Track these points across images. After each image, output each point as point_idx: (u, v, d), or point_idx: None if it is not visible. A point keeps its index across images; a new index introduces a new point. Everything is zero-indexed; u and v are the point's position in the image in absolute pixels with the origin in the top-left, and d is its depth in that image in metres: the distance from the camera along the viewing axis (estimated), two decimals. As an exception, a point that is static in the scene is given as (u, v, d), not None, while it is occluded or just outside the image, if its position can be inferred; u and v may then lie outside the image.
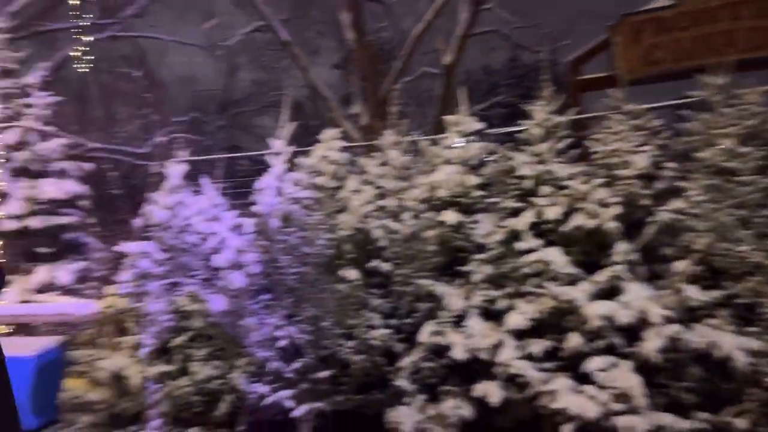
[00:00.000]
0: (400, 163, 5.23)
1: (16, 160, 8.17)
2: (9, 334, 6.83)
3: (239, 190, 7.50)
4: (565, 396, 3.82)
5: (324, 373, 4.56)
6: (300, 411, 4.56)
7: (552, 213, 4.10)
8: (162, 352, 5.21)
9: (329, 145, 5.71)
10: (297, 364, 4.61)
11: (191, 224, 5.45)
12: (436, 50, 14.77)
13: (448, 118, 5.00)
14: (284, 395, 4.59)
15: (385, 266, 4.85)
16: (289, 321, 4.77)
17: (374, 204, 5.14)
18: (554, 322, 4.05)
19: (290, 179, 5.29)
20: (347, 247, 4.99)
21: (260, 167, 5.77)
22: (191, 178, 5.90)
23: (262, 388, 4.69)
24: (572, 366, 3.98)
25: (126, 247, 5.75)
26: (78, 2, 10.86)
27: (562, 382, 3.86)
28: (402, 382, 4.31)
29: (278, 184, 5.25)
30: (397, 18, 18.61)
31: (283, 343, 4.71)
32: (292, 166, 5.58)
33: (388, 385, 4.47)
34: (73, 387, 5.65)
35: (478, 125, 4.91)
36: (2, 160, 7.67)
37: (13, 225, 7.82)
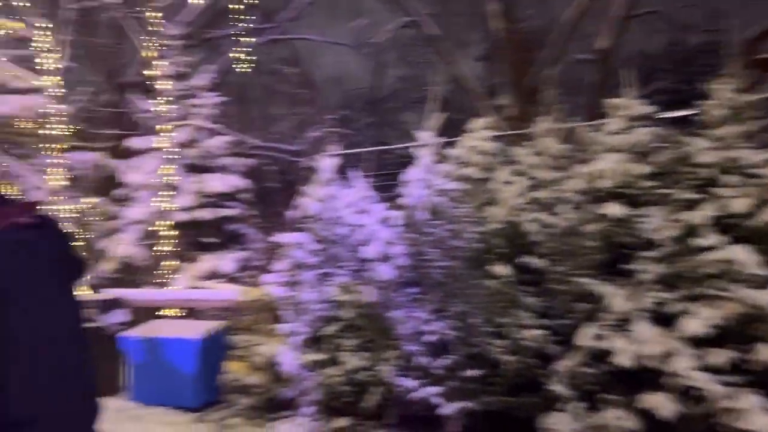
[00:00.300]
0: (555, 152, 4.88)
1: (187, 157, 8.90)
2: (180, 317, 7.43)
3: (387, 182, 7.55)
4: (754, 415, 3.31)
5: (473, 372, 4.39)
6: (448, 409, 4.43)
7: (739, 205, 3.58)
8: (314, 341, 5.34)
9: (478, 135, 5.49)
10: (445, 361, 4.47)
11: (342, 216, 5.53)
12: (587, 36, 13.87)
13: (611, 101, 4.57)
14: (432, 391, 4.48)
15: (539, 262, 4.55)
16: (437, 316, 4.64)
17: (527, 196, 4.85)
18: (740, 330, 3.53)
19: (438, 171, 5.17)
20: (497, 241, 4.76)
21: (406, 161, 5.71)
22: (342, 171, 6.01)
23: (409, 383, 4.62)
24: (762, 382, 3.45)
25: (282, 238, 6.00)
26: (242, 6, 11.59)
27: (750, 400, 3.36)
28: (557, 387, 4.01)
29: (426, 176, 5.15)
30: (547, 4, 17.79)
31: (430, 338, 4.60)
32: (439, 158, 5.46)
33: (542, 388, 4.19)
34: (233, 370, 6.01)
35: (647, 109, 4.42)
36: (175, 157, 8.34)
37: (184, 216, 8.52)
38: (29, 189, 9.38)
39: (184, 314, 7.61)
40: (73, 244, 1.55)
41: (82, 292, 8.17)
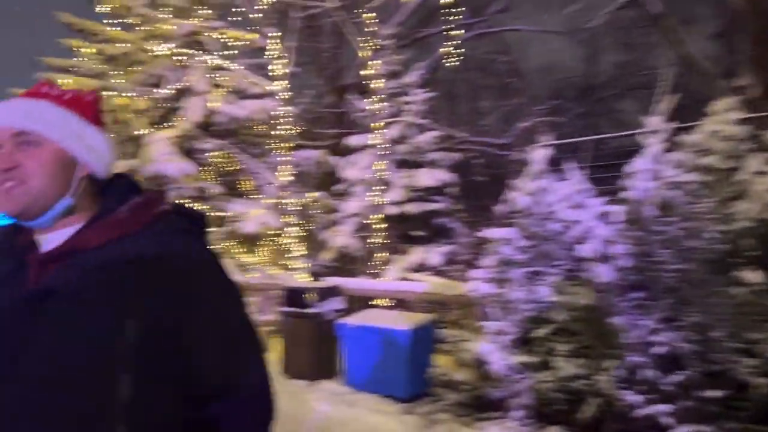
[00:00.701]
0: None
1: (398, 153, 9.15)
2: (390, 308, 7.65)
3: (604, 175, 6.97)
4: None
5: (713, 392, 3.79)
6: (680, 430, 3.89)
7: None
8: (523, 342, 5.09)
9: (720, 119, 4.74)
10: (678, 377, 3.93)
11: (554, 211, 5.19)
12: None
13: None
14: (661, 409, 3.97)
15: (802, 269, 3.78)
16: (668, 325, 4.10)
17: (786, 189, 4.06)
18: None
19: (670, 161, 4.57)
20: (746, 243, 4.06)
21: (625, 151, 5.15)
22: (554, 164, 5.66)
23: (633, 397, 4.15)
24: None
25: (489, 232, 5.83)
26: (452, 1, 11.64)
27: None
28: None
29: (654, 166, 4.58)
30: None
31: (659, 349, 4.07)
32: (671, 146, 4.83)
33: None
34: (441, 364, 6.01)
35: None
36: (387, 153, 8.61)
37: (394, 210, 8.78)
38: (263, 185, 10.46)
39: (393, 305, 7.83)
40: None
41: (302, 278, 8.86)
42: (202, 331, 1.22)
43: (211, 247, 1.32)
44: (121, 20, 10.18)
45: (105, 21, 10.26)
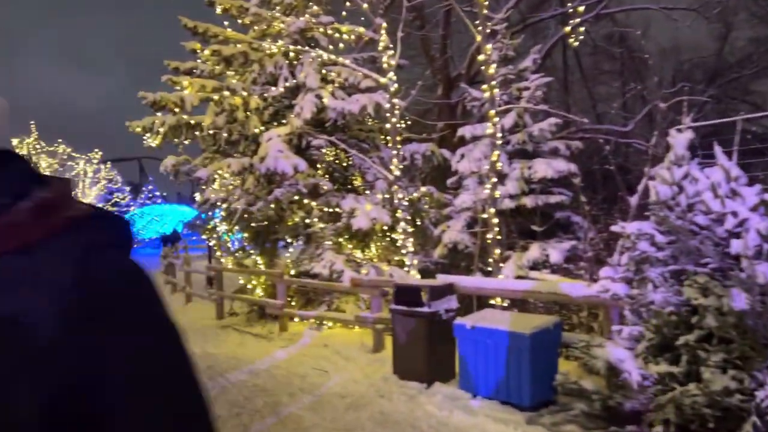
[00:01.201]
0: None
1: (513, 143, 8.68)
2: (505, 308, 7.23)
3: (748, 161, 6.14)
4: None
5: None
6: None
7: None
8: (664, 349, 4.52)
9: None
10: None
11: (701, 202, 4.57)
12: None
13: None
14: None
15: None
16: None
17: None
18: None
19: None
20: None
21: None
22: (693, 150, 5.02)
23: (805, 420, 3.52)
24: None
25: (620, 227, 5.28)
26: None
27: None
28: None
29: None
30: None
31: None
32: None
33: None
34: (567, 371, 5.54)
35: None
36: (502, 143, 8.17)
37: (509, 204, 8.32)
38: (374, 180, 10.36)
39: (509, 304, 7.41)
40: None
41: (414, 275, 8.62)
42: (123, 395, 0.77)
43: (140, 270, 0.85)
44: (236, 21, 10.46)
45: (225, 23, 10.62)
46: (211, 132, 10.15)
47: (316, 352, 7.90)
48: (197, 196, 11.76)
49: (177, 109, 10.01)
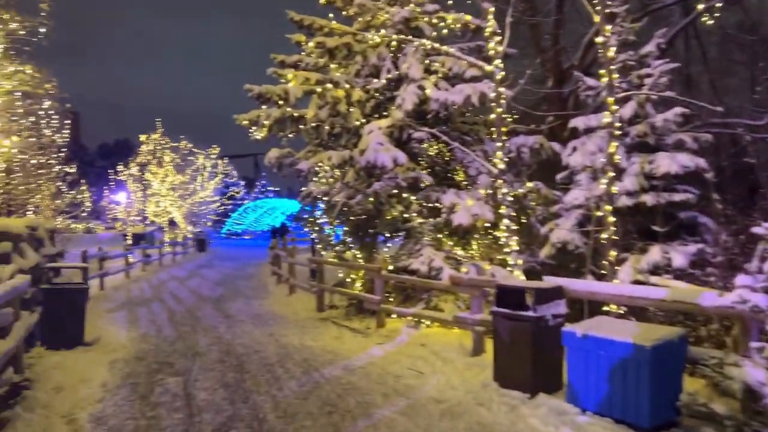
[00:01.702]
0: None
1: (633, 135, 7.93)
2: (620, 316, 6.58)
3: None
4: None
5: None
6: None
7: None
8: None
9: None
10: None
11: None
12: None
13: None
14: None
15: None
16: None
17: None
18: None
19: None
20: None
21: None
22: None
23: None
24: None
25: (766, 228, 4.56)
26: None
27: None
28: None
29: None
30: None
31: None
32: None
33: None
34: (694, 390, 4.88)
35: None
36: (620, 135, 7.47)
37: (627, 201, 7.60)
38: (476, 174, 9.91)
39: (625, 312, 6.73)
40: None
41: (518, 276, 8.10)
42: None
43: None
44: (341, 12, 10.38)
45: (330, 15, 10.58)
46: (313, 125, 10.14)
47: (413, 351, 7.62)
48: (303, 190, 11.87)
49: (281, 102, 10.10)
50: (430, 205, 9.38)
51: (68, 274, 9.91)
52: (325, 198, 10.55)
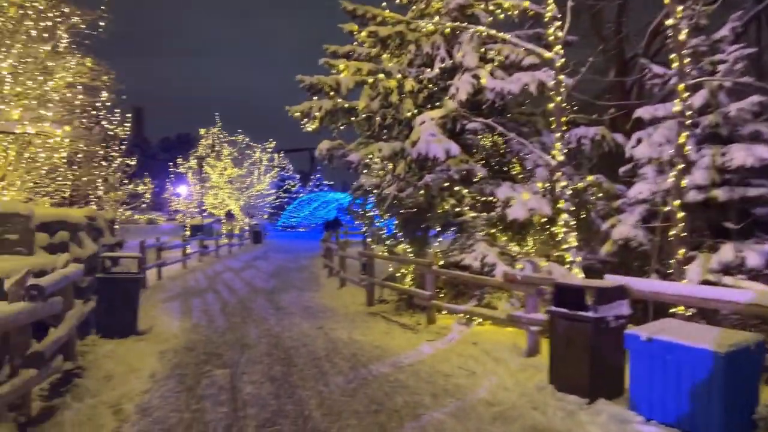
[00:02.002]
0: None
1: (702, 125, 7.39)
2: (688, 319, 6.13)
3: None
4: None
5: None
6: None
7: None
8: None
9: None
10: None
11: None
12: None
13: None
14: None
15: None
16: None
17: None
18: None
19: None
20: None
21: None
22: None
23: None
24: None
25: None
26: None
27: None
28: None
29: None
30: None
31: None
32: None
33: None
34: (774, 403, 4.46)
35: None
36: (690, 125, 6.97)
37: (697, 196, 7.10)
38: (533, 167, 9.51)
39: (693, 314, 6.28)
40: None
41: (577, 274, 7.71)
42: None
43: None
44: (394, 1, 10.15)
45: (383, 4, 10.38)
46: (365, 116, 9.97)
47: (464, 349, 7.36)
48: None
49: (332, 93, 9.97)
50: (483, 198, 9.06)
51: (126, 264, 10.14)
52: (375, 191, 10.37)
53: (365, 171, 10.06)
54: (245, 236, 38.51)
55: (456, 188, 9.03)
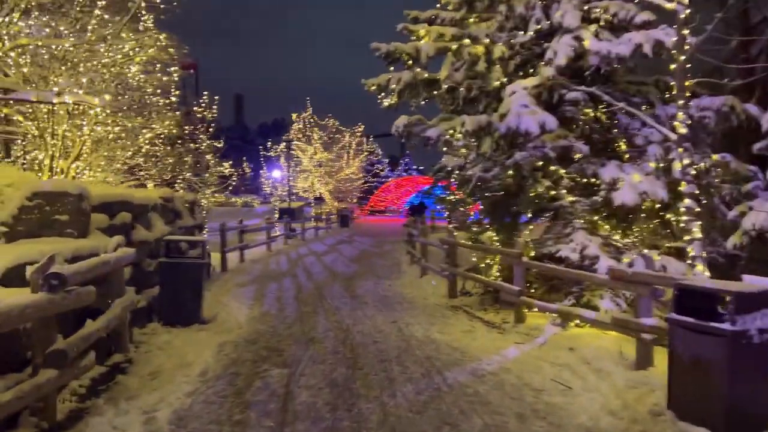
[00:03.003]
0: None
1: None
2: None
3: None
4: None
5: None
6: None
7: None
8: None
9: None
10: None
11: None
12: None
13: None
14: None
15: None
16: None
17: None
18: None
19: None
20: None
21: None
22: None
23: None
24: None
25: None
26: None
27: None
28: None
29: None
30: None
31: None
32: None
33: None
34: None
35: None
36: None
37: None
38: (645, 144, 8.13)
39: None
40: None
41: (701, 272, 6.40)
42: None
43: None
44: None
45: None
46: (447, 86, 8.92)
47: (558, 356, 6.27)
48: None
49: (411, 63, 9.00)
50: (584, 180, 7.82)
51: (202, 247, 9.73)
52: (458, 172, 9.33)
53: (445, 149, 9.01)
54: (333, 220, 38.47)
55: (552, 168, 7.82)
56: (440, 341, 7.11)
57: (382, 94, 9.50)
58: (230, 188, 22.75)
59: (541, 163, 7.83)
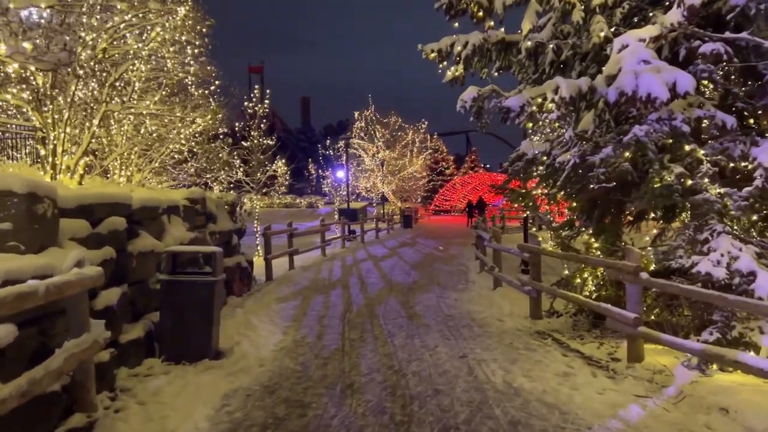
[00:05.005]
0: None
1: None
2: None
3: None
4: None
5: None
6: None
7: None
8: None
9: None
10: None
11: None
12: None
13: None
14: None
15: None
16: None
17: None
18: None
19: None
20: None
21: None
22: None
23: None
24: None
25: None
26: None
27: None
28: None
29: None
30: None
31: None
32: None
33: None
34: None
35: None
36: None
37: None
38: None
39: None
40: None
41: None
42: None
43: None
44: None
45: None
46: (529, 45, 6.83)
47: (709, 423, 4.17)
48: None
49: (481, 14, 6.99)
50: (731, 165, 5.60)
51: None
52: (545, 159, 7.23)
53: (530, 126, 6.83)
54: (395, 220, 36.62)
55: (686, 148, 5.59)
56: (528, 392, 5.09)
57: (444, 63, 7.53)
58: (284, 188, 21.23)
59: (670, 140, 5.63)
